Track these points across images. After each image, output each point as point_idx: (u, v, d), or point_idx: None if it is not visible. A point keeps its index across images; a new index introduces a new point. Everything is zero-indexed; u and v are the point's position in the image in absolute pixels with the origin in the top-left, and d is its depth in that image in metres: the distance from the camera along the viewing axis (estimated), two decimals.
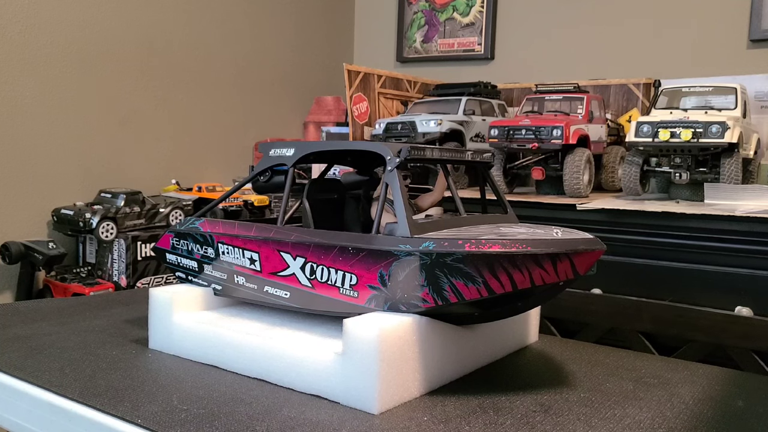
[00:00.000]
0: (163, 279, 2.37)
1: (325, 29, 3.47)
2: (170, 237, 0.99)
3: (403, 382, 0.75)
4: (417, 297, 0.76)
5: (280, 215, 0.89)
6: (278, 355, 0.79)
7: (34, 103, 2.37)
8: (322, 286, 0.83)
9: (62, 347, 0.92)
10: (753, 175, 2.01)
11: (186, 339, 0.89)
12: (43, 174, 2.40)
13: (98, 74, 2.54)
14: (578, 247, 0.73)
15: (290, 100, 3.28)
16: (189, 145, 2.87)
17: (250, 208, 2.62)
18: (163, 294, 0.92)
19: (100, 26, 2.54)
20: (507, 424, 0.70)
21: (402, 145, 0.80)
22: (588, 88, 2.39)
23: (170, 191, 2.68)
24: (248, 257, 0.89)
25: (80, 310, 1.15)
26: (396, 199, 0.78)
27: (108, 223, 2.26)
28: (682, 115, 1.90)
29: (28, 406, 0.78)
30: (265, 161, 0.92)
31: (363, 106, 2.69)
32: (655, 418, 0.73)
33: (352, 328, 0.73)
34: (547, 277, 0.73)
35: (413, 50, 3.42)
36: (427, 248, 0.74)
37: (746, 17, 2.46)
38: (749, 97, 2.10)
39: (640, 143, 1.85)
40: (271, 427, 0.67)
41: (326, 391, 0.75)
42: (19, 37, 2.31)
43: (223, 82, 2.99)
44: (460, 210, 0.91)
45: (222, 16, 2.97)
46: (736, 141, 1.79)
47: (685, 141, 1.82)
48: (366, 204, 1.02)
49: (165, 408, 0.71)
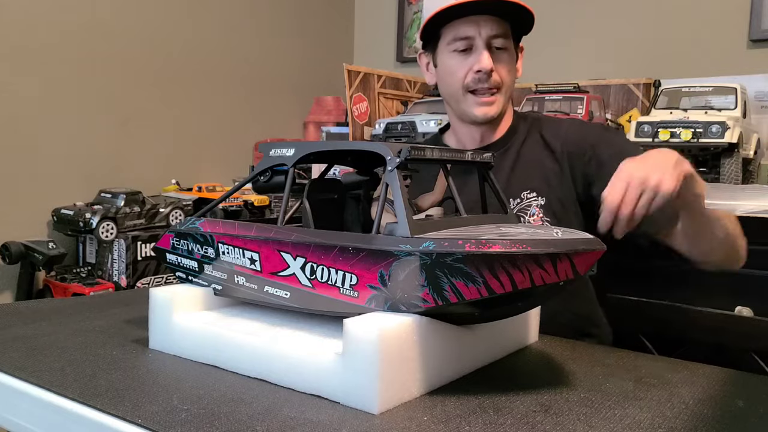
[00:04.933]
0: (163, 279, 2.37)
1: (325, 29, 3.47)
2: (170, 237, 0.99)
3: (403, 382, 0.75)
4: (417, 297, 0.76)
5: (280, 215, 0.89)
6: (278, 355, 0.79)
7: (35, 103, 2.37)
8: (323, 286, 0.83)
9: (62, 347, 0.92)
10: (753, 175, 2.01)
11: (186, 339, 0.89)
12: (43, 174, 2.40)
13: (99, 74, 2.54)
14: (578, 247, 0.73)
15: (290, 100, 3.28)
16: (189, 145, 2.87)
17: (250, 208, 2.62)
18: (163, 294, 0.92)
19: (100, 26, 2.54)
20: (507, 424, 0.70)
21: (402, 145, 0.80)
22: (588, 88, 2.38)
23: (170, 191, 2.68)
24: (248, 257, 0.89)
25: (80, 310, 1.15)
26: (396, 199, 0.78)
27: (108, 223, 2.26)
28: (682, 115, 1.90)
29: (28, 406, 0.78)
30: (265, 161, 0.92)
31: (363, 106, 2.69)
32: (655, 418, 0.73)
33: (352, 328, 0.73)
34: (547, 277, 0.73)
35: (413, 50, 3.42)
36: (427, 248, 0.74)
37: (746, 17, 2.46)
38: (749, 97, 2.10)
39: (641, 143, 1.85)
40: (271, 427, 0.67)
41: (326, 391, 0.75)
42: (19, 37, 2.31)
43: (223, 82, 2.99)
44: (460, 210, 0.91)
45: (222, 16, 2.97)
46: (736, 141, 1.79)
47: (685, 141, 1.82)
48: (366, 204, 1.02)
49: (165, 408, 0.71)
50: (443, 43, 1.25)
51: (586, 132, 1.27)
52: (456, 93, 1.26)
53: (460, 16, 1.21)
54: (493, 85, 1.23)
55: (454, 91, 1.26)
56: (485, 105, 1.24)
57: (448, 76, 1.26)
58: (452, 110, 1.31)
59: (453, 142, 1.37)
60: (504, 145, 1.29)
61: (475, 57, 1.22)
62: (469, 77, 1.23)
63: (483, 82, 1.22)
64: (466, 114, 1.27)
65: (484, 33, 1.21)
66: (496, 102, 1.25)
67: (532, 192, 1.24)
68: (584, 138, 1.25)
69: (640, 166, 0.93)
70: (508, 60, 1.25)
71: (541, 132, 1.29)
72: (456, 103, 1.28)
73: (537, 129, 1.30)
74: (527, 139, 1.29)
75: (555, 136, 1.27)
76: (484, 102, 1.24)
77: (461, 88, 1.25)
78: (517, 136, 1.30)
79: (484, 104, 1.24)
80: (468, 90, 1.24)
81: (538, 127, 1.30)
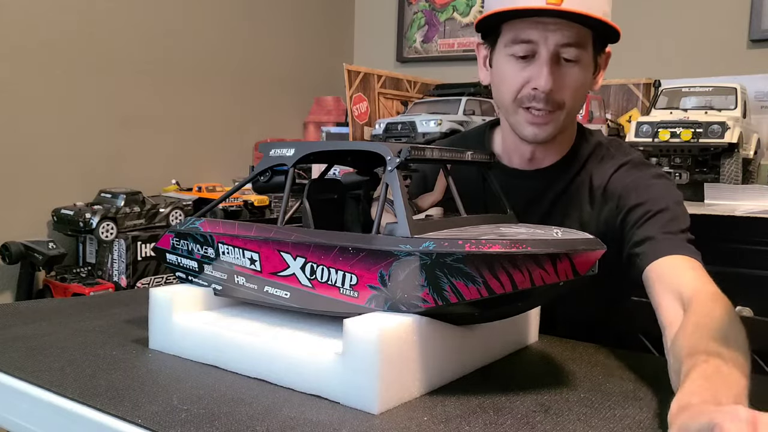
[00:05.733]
0: (163, 279, 2.37)
1: (325, 29, 3.47)
2: (170, 237, 0.99)
3: (403, 382, 0.75)
4: (417, 297, 0.76)
5: (280, 215, 0.89)
6: (278, 355, 0.79)
7: (34, 103, 2.37)
8: (323, 286, 0.83)
9: (62, 347, 0.92)
10: (753, 175, 2.01)
11: (186, 339, 0.89)
12: (43, 174, 2.40)
13: (99, 74, 2.54)
14: (578, 247, 0.73)
15: (290, 100, 3.28)
16: (189, 146, 2.87)
17: (250, 208, 2.62)
18: (163, 294, 0.92)
19: (100, 26, 2.54)
20: (507, 424, 0.70)
21: (402, 145, 0.80)
22: None
23: (170, 191, 2.68)
24: (248, 257, 0.89)
25: (80, 310, 1.15)
26: (396, 199, 0.78)
27: (108, 223, 2.26)
28: (682, 115, 1.91)
29: (28, 406, 0.78)
30: (265, 161, 0.92)
31: (363, 106, 2.69)
32: (655, 418, 0.73)
33: (352, 328, 0.73)
34: (547, 277, 0.73)
35: (413, 50, 3.42)
36: (427, 248, 0.74)
37: (746, 17, 2.46)
38: (749, 97, 2.10)
39: (640, 143, 1.85)
40: (271, 427, 0.67)
41: (326, 391, 0.75)
42: (19, 37, 2.31)
43: (224, 82, 2.99)
44: (461, 210, 0.91)
45: (222, 16, 2.97)
46: (736, 141, 1.79)
47: (685, 141, 1.82)
48: (366, 204, 1.02)
49: (165, 408, 0.71)
50: (502, 42, 1.06)
51: (627, 182, 1.08)
52: (507, 105, 1.08)
53: (526, 16, 1.01)
54: (552, 106, 1.04)
55: (506, 102, 1.08)
56: (537, 126, 1.05)
57: (501, 83, 1.08)
58: (505, 118, 1.14)
59: (499, 146, 1.20)
60: (553, 175, 1.14)
61: (535, 69, 1.02)
62: (525, 91, 1.04)
63: (539, 101, 1.03)
64: (516, 128, 1.10)
65: (552, 41, 1.00)
66: (552, 123, 1.05)
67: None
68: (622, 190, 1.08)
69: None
70: (577, 76, 1.04)
71: (593, 169, 1.12)
72: (506, 115, 1.11)
73: (592, 163, 1.13)
74: (579, 174, 1.13)
75: (600, 177, 1.11)
76: (537, 122, 1.05)
77: (513, 102, 1.06)
78: (571, 169, 1.13)
79: (536, 124, 1.05)
80: (521, 105, 1.06)
81: (594, 160, 1.14)
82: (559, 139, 1.12)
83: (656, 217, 1.00)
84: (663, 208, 1.01)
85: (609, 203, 1.09)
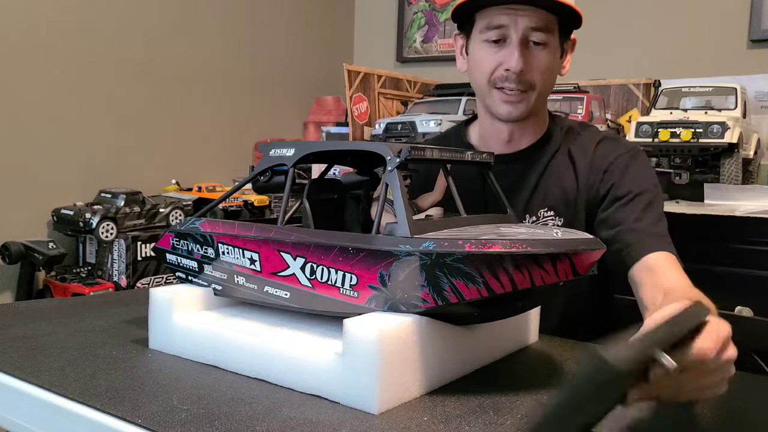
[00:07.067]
0: (163, 279, 2.37)
1: (325, 29, 3.47)
2: (170, 237, 0.99)
3: (403, 382, 0.75)
4: (417, 297, 0.76)
5: (280, 215, 0.89)
6: (278, 355, 0.79)
7: (35, 103, 2.37)
8: (322, 286, 0.83)
9: (62, 347, 0.92)
10: (753, 175, 2.02)
11: (186, 339, 0.89)
12: (43, 174, 2.40)
13: (98, 74, 2.54)
14: (578, 247, 0.73)
15: (290, 100, 3.28)
16: (189, 145, 2.87)
17: (250, 208, 2.62)
18: (163, 294, 0.92)
19: (100, 26, 2.54)
20: (507, 424, 0.70)
21: (402, 145, 0.80)
22: (588, 88, 2.39)
23: (170, 191, 2.68)
24: (248, 257, 0.89)
25: (80, 310, 1.15)
26: (396, 199, 0.78)
27: (108, 223, 2.26)
28: (682, 115, 1.91)
29: (28, 406, 0.78)
30: (265, 161, 0.92)
31: (363, 106, 2.69)
32: (655, 418, 0.73)
33: (352, 328, 0.73)
34: (547, 277, 0.73)
35: (413, 50, 3.42)
36: (427, 248, 0.74)
37: (746, 17, 2.46)
38: (749, 97, 2.10)
39: (640, 143, 1.85)
40: (271, 427, 0.67)
41: (326, 391, 0.75)
42: (19, 37, 2.31)
43: (223, 82, 2.99)
44: (461, 210, 0.91)
45: (222, 16, 2.97)
46: (736, 141, 1.79)
47: (685, 141, 1.82)
48: (366, 204, 1.02)
49: (165, 408, 0.71)
50: (476, 29, 1.15)
51: (611, 159, 1.17)
52: (482, 87, 1.17)
53: (497, 3, 1.11)
54: (524, 86, 1.13)
55: (481, 84, 1.17)
56: (511, 104, 1.14)
57: (476, 68, 1.17)
58: (481, 103, 1.22)
59: (475, 137, 1.28)
60: (533, 155, 1.21)
61: (507, 52, 1.11)
62: (498, 73, 1.13)
63: (511, 81, 1.12)
64: (491, 109, 1.18)
65: (521, 24, 1.10)
66: (524, 102, 1.14)
67: (550, 211, 1.19)
68: (608, 166, 1.16)
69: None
70: (546, 58, 1.13)
71: (570, 147, 1.20)
72: (482, 98, 1.20)
73: (568, 142, 1.21)
74: (557, 153, 1.21)
75: (582, 154, 1.19)
76: (511, 101, 1.14)
77: (487, 83, 1.15)
78: (548, 148, 1.21)
79: (509, 103, 1.14)
80: (494, 86, 1.15)
81: (569, 140, 1.21)
82: (534, 121, 1.21)
83: (636, 199, 1.11)
84: (644, 190, 1.13)
85: (595, 176, 1.17)
